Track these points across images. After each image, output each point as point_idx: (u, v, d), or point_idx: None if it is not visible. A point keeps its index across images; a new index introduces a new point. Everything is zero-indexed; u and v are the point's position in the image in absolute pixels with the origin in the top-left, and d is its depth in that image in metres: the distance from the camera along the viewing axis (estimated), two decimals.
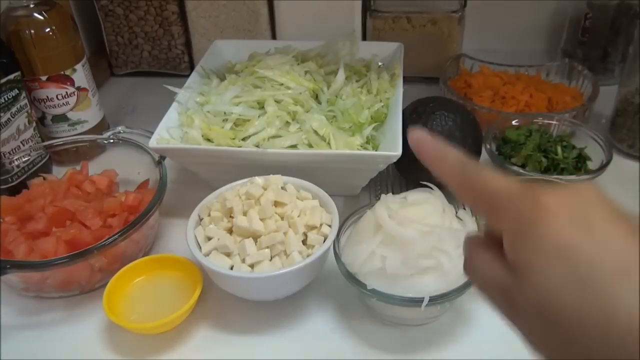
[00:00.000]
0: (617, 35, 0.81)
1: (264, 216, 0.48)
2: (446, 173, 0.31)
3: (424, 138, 0.32)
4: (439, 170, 0.31)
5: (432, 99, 0.61)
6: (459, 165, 0.30)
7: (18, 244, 0.51)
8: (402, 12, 0.81)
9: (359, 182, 0.62)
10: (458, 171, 0.30)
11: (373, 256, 0.45)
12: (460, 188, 0.30)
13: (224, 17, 0.85)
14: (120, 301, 0.49)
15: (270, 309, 0.51)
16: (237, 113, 0.60)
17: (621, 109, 0.69)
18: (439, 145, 0.31)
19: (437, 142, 0.32)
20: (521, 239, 0.26)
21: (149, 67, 0.91)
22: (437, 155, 0.31)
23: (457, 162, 0.30)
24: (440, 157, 0.31)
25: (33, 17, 0.62)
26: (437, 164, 0.31)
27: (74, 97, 0.68)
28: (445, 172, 0.31)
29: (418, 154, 0.32)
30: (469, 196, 0.30)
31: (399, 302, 0.44)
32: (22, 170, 0.62)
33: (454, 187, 0.30)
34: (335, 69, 0.67)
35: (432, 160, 0.31)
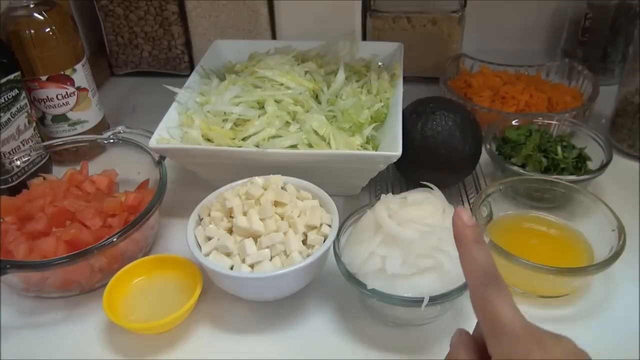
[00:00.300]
0: (617, 35, 0.81)
1: (264, 216, 0.48)
2: (468, 272, 0.35)
3: (467, 223, 0.35)
4: (463, 264, 0.35)
5: (432, 99, 0.61)
6: (483, 275, 0.34)
7: (18, 244, 0.51)
8: (402, 12, 0.81)
9: (359, 182, 0.62)
10: (479, 281, 0.34)
11: (373, 256, 0.45)
12: (474, 296, 0.34)
13: (224, 17, 0.85)
14: (120, 301, 0.49)
15: (270, 309, 0.51)
16: (237, 113, 0.60)
17: (621, 109, 0.69)
18: (476, 237, 0.35)
19: (476, 233, 0.35)
20: None
21: (149, 67, 0.91)
22: (468, 249, 0.35)
23: (482, 270, 0.34)
24: (471, 254, 0.34)
25: (33, 17, 0.62)
26: (465, 258, 0.35)
27: (74, 97, 0.68)
28: (467, 270, 0.35)
29: (454, 234, 0.35)
30: (478, 308, 0.33)
31: (399, 302, 0.44)
32: (22, 170, 0.62)
33: (470, 288, 0.34)
34: (335, 69, 0.67)
35: (462, 250, 0.35)
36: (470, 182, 0.64)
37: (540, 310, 0.50)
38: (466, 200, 0.62)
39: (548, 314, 0.49)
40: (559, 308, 0.50)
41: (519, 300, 0.50)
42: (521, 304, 0.50)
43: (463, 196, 0.62)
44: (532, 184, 0.57)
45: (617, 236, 0.50)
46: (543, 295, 0.51)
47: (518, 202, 0.58)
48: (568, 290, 0.51)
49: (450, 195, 0.61)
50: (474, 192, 0.62)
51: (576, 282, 0.50)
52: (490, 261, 0.34)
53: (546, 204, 0.57)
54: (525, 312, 0.49)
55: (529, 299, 0.50)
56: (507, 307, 0.33)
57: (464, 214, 0.35)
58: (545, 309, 0.50)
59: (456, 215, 0.36)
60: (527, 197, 0.57)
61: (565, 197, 0.56)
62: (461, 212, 0.36)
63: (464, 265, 0.35)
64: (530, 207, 0.57)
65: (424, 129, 0.57)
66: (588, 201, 0.54)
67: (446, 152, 0.57)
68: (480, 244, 0.35)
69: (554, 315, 0.49)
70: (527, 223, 0.56)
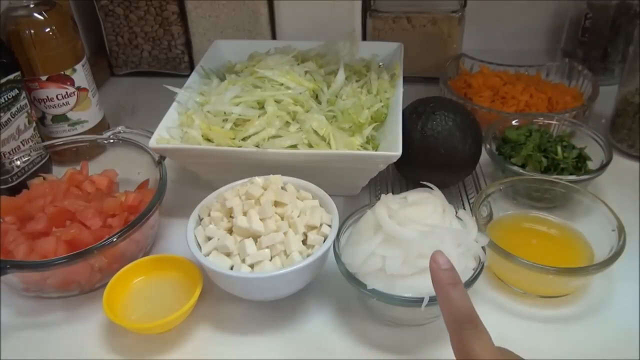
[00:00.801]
0: (617, 35, 0.81)
1: (264, 216, 0.48)
2: (445, 315, 0.36)
3: (442, 266, 0.37)
4: (441, 306, 0.37)
5: (432, 99, 0.61)
6: (460, 317, 0.36)
7: (18, 244, 0.51)
8: (402, 12, 0.81)
9: (359, 182, 0.62)
10: (456, 324, 0.36)
11: (373, 256, 0.45)
12: (452, 338, 0.36)
13: (224, 17, 0.85)
14: (120, 301, 0.49)
15: (270, 309, 0.51)
16: (237, 113, 0.60)
17: (621, 109, 0.69)
18: (453, 280, 0.37)
19: (452, 276, 0.37)
20: None
21: (149, 67, 0.91)
22: (445, 292, 0.36)
23: (459, 313, 0.36)
24: (448, 297, 0.36)
25: (33, 17, 0.62)
26: (442, 301, 0.37)
27: (74, 97, 0.68)
28: (445, 313, 0.36)
29: (432, 278, 0.37)
30: (456, 349, 0.35)
31: (399, 302, 0.44)
32: (22, 170, 0.62)
33: (448, 330, 0.36)
34: (335, 69, 0.67)
35: (439, 293, 0.37)
36: (470, 182, 0.64)
37: (540, 310, 0.50)
38: (466, 200, 0.62)
39: (548, 314, 0.49)
40: (559, 308, 0.50)
41: (519, 300, 0.50)
42: (521, 304, 0.50)
43: (463, 196, 0.62)
44: (532, 184, 0.57)
45: (617, 236, 0.50)
46: (543, 295, 0.51)
47: (518, 202, 0.58)
48: (568, 290, 0.51)
49: (450, 195, 0.61)
50: (474, 192, 0.62)
51: (576, 282, 0.50)
52: (467, 303, 0.36)
53: (546, 204, 0.57)
54: (525, 312, 0.50)
55: (529, 299, 0.50)
56: (483, 349, 0.34)
57: (439, 257, 0.37)
58: (545, 309, 0.50)
59: (432, 260, 0.37)
60: (527, 197, 0.57)
61: (565, 197, 0.56)
62: (436, 255, 0.38)
63: (442, 308, 0.37)
64: (530, 207, 0.57)
65: (424, 129, 0.57)
66: (588, 201, 0.54)
67: (446, 152, 0.57)
68: (457, 286, 0.36)
69: (554, 315, 0.49)
70: (527, 223, 0.56)
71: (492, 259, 0.50)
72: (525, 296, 0.51)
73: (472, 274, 0.45)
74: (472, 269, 0.46)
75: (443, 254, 0.38)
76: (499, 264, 0.51)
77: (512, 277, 0.51)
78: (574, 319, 0.49)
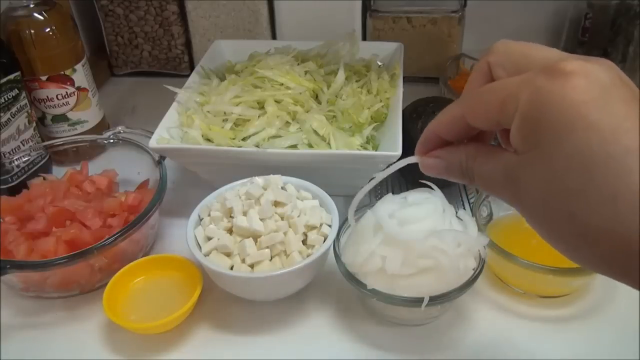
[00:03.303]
0: (617, 35, 0.81)
1: (264, 216, 0.48)
2: (445, 118, 0.31)
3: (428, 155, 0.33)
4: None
5: (432, 99, 0.61)
6: (455, 101, 0.30)
7: (18, 244, 0.51)
8: (402, 12, 0.81)
9: (359, 182, 0.61)
10: (456, 104, 0.30)
11: (373, 256, 0.45)
12: (468, 107, 0.29)
13: (224, 17, 0.85)
14: (120, 301, 0.49)
15: (270, 309, 0.51)
16: (237, 113, 0.60)
17: None
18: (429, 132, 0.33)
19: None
20: (532, 122, 0.25)
21: (149, 67, 0.91)
22: (437, 119, 0.32)
23: (455, 101, 0.30)
24: (443, 114, 0.31)
25: (33, 17, 0.62)
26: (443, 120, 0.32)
27: (74, 97, 0.68)
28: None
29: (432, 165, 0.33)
30: (475, 111, 0.29)
31: (399, 302, 0.44)
32: (22, 170, 0.62)
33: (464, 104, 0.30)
34: (335, 69, 0.67)
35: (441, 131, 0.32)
36: None
37: (540, 310, 0.50)
38: (466, 200, 0.62)
39: (548, 314, 0.49)
40: (559, 308, 0.50)
41: (519, 300, 0.50)
42: (521, 304, 0.50)
43: (463, 196, 0.62)
44: None
45: None
46: (543, 295, 0.51)
47: None
48: (568, 290, 0.51)
49: (450, 195, 0.61)
50: (474, 192, 0.62)
51: (576, 282, 0.50)
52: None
53: None
54: (525, 312, 0.50)
55: (529, 299, 0.50)
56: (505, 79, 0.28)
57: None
58: (545, 309, 0.50)
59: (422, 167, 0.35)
60: None
61: None
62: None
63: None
64: None
65: (424, 129, 0.57)
66: None
67: None
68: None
69: (554, 315, 0.49)
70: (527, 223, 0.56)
71: (492, 259, 0.50)
72: (525, 296, 0.51)
73: (472, 274, 0.45)
74: (472, 269, 0.46)
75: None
76: (499, 264, 0.51)
77: (512, 277, 0.51)
78: (574, 319, 0.49)
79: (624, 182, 0.22)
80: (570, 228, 0.25)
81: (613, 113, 0.23)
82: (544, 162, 0.25)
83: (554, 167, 0.24)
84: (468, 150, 0.30)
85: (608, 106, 0.23)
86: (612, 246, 0.23)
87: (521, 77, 0.26)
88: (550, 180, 0.25)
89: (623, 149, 0.23)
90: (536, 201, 0.26)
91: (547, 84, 0.24)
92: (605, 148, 0.23)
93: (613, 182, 0.23)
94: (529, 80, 0.25)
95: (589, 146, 0.23)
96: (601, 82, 0.24)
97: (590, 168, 0.23)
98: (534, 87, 0.25)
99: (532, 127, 0.25)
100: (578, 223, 0.24)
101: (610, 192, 0.23)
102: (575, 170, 0.24)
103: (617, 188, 0.23)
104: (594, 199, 0.23)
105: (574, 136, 0.24)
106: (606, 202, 0.23)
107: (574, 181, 0.24)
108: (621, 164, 0.23)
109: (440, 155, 0.32)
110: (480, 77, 0.30)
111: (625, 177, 0.22)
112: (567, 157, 0.24)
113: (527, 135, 0.25)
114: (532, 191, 0.26)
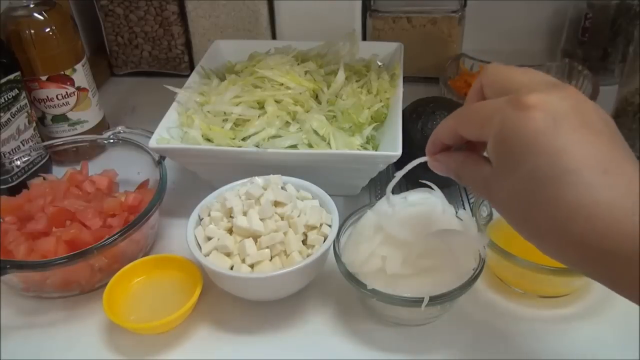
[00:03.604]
0: (617, 35, 0.81)
1: (264, 216, 0.48)
2: (444, 130, 0.37)
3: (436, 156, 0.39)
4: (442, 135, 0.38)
5: (432, 99, 0.61)
6: (452, 114, 0.36)
7: (18, 244, 0.51)
8: (402, 12, 0.81)
9: (359, 182, 0.62)
10: (452, 118, 0.36)
11: (373, 256, 0.45)
12: (459, 122, 0.35)
13: (224, 17, 0.85)
14: (120, 301, 0.49)
15: (270, 309, 0.51)
16: (237, 113, 0.60)
17: (621, 109, 0.69)
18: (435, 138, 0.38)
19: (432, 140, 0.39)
20: (500, 144, 0.31)
21: (149, 67, 0.91)
22: (438, 130, 0.37)
23: (451, 115, 0.36)
24: (441, 126, 0.37)
25: (33, 17, 0.62)
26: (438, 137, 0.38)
27: (74, 97, 0.68)
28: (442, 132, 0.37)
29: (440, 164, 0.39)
30: (464, 127, 0.35)
31: (399, 302, 0.44)
32: (22, 170, 0.62)
33: (456, 124, 0.35)
34: (335, 69, 0.67)
35: (441, 140, 0.38)
36: None
37: (540, 310, 0.50)
38: (466, 200, 0.62)
39: (548, 314, 0.49)
40: (559, 308, 0.50)
41: (519, 300, 0.50)
42: (521, 304, 0.50)
43: (463, 196, 0.62)
44: None
45: None
46: (543, 295, 0.51)
47: None
48: (568, 290, 0.51)
49: (450, 195, 0.61)
50: None
51: (576, 282, 0.50)
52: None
53: None
54: (525, 312, 0.50)
55: (529, 299, 0.50)
56: (484, 101, 0.35)
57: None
58: (545, 309, 0.50)
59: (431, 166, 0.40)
60: None
61: None
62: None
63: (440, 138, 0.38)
64: None
65: (424, 129, 0.57)
66: None
67: None
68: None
69: (554, 315, 0.49)
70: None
71: (492, 259, 0.50)
72: (525, 296, 0.51)
73: (472, 274, 0.45)
74: (472, 269, 0.46)
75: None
76: (499, 264, 0.51)
77: (512, 277, 0.51)
78: (574, 319, 0.49)
79: (563, 195, 0.29)
80: (528, 227, 0.32)
81: (560, 140, 0.29)
82: (508, 178, 0.31)
83: (515, 182, 0.31)
84: (457, 158, 0.37)
85: (557, 134, 0.29)
86: (557, 243, 0.30)
87: (498, 103, 0.31)
88: (512, 191, 0.31)
89: (564, 169, 0.29)
90: (503, 205, 0.33)
91: (513, 114, 0.30)
92: (552, 168, 0.29)
93: (555, 195, 0.29)
94: (501, 108, 0.31)
95: (539, 167, 0.29)
96: (555, 114, 0.29)
97: (540, 184, 0.29)
98: (503, 115, 0.31)
99: (500, 148, 0.31)
100: (531, 225, 0.31)
101: (554, 203, 0.29)
102: (529, 185, 0.30)
103: (558, 200, 0.29)
104: (543, 208, 0.30)
105: (529, 159, 0.30)
106: (552, 210, 0.29)
107: (529, 194, 0.30)
108: (562, 181, 0.29)
109: (439, 159, 0.38)
110: (475, 94, 0.36)
111: (565, 191, 0.29)
112: (524, 175, 0.30)
113: (497, 154, 0.32)
114: (500, 196, 0.33)
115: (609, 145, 0.30)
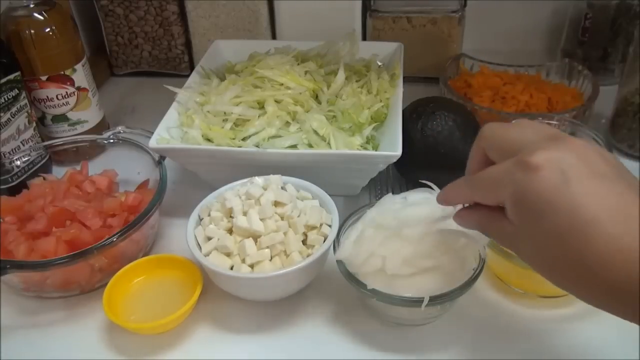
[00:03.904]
0: (617, 35, 0.81)
1: (264, 216, 0.48)
2: (458, 196, 0.40)
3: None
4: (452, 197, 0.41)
5: (432, 99, 0.61)
6: (463, 180, 0.39)
7: (18, 244, 0.51)
8: (402, 12, 0.81)
9: (359, 182, 0.62)
10: (465, 185, 0.38)
11: (373, 256, 0.45)
12: (474, 191, 0.37)
13: (224, 17, 0.85)
14: (120, 301, 0.49)
15: (270, 309, 0.51)
16: (237, 113, 0.60)
17: (621, 109, 0.69)
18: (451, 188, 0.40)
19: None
20: (517, 206, 0.33)
21: (149, 67, 0.91)
22: (449, 194, 0.40)
23: (462, 181, 0.39)
24: (453, 191, 0.40)
25: (33, 17, 0.62)
26: (451, 196, 0.41)
27: (74, 97, 0.68)
28: (455, 195, 0.40)
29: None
30: (479, 195, 0.37)
31: (399, 302, 0.44)
32: (22, 170, 0.62)
33: (470, 193, 0.38)
34: (335, 69, 0.67)
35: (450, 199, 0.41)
36: None
37: (540, 310, 0.50)
38: None
39: (548, 314, 0.49)
40: (559, 308, 0.50)
41: (519, 300, 0.50)
42: (521, 304, 0.50)
43: None
44: None
45: None
46: (543, 295, 0.51)
47: None
48: None
49: None
50: None
51: None
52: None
53: None
54: (525, 312, 0.50)
55: (529, 299, 0.50)
56: (490, 168, 0.36)
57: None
58: (545, 309, 0.50)
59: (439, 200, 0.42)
60: None
61: None
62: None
63: (451, 198, 0.41)
64: None
65: (424, 129, 0.57)
66: None
67: (446, 152, 0.57)
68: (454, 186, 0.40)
69: (554, 315, 0.49)
70: None
71: (492, 259, 0.50)
72: (525, 296, 0.51)
73: (472, 274, 0.45)
74: (472, 269, 0.46)
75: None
76: (499, 264, 0.51)
77: (512, 277, 0.51)
78: (574, 319, 0.49)
79: (589, 247, 0.30)
80: (557, 278, 0.34)
81: (573, 194, 0.31)
82: (530, 236, 0.33)
83: (538, 239, 0.33)
84: (481, 215, 0.38)
85: (569, 189, 0.31)
86: (589, 290, 0.32)
87: (506, 167, 0.33)
88: (537, 247, 0.33)
89: (583, 221, 0.30)
90: (531, 259, 0.35)
91: (523, 177, 0.32)
92: (571, 223, 0.30)
93: (580, 247, 0.30)
94: (510, 172, 0.33)
95: (559, 224, 0.31)
96: (562, 169, 0.31)
97: (564, 239, 0.31)
98: (513, 179, 0.33)
99: (517, 210, 0.33)
100: (560, 275, 0.33)
101: (581, 255, 0.31)
102: (553, 241, 0.32)
103: (584, 251, 0.30)
104: (570, 259, 0.31)
105: (547, 217, 0.31)
106: (580, 260, 0.31)
107: (554, 249, 0.32)
108: (584, 233, 0.30)
109: (462, 215, 0.40)
110: (478, 158, 0.38)
111: (589, 242, 0.30)
112: (545, 232, 0.32)
113: (516, 215, 0.34)
114: (526, 252, 0.35)
115: (619, 188, 0.31)
